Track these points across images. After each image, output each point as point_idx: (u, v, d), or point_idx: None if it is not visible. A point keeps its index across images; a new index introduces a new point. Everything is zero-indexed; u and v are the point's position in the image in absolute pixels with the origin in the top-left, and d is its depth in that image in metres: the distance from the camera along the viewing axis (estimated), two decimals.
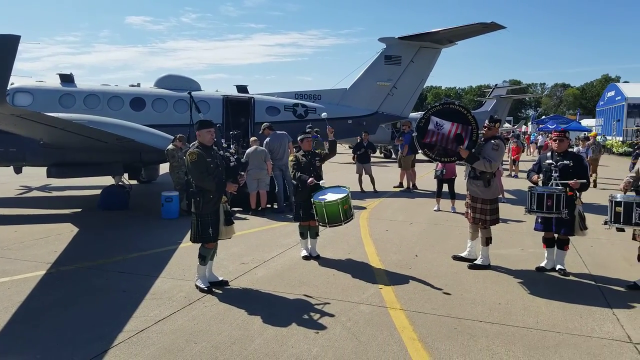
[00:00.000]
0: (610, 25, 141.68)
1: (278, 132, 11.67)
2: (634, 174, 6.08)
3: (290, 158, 7.41)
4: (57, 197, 13.08)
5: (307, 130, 8.97)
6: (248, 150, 10.99)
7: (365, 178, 14.49)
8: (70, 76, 14.47)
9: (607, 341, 4.55)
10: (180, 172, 10.43)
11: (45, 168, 11.07)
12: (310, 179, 7.01)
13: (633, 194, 5.90)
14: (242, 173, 6.29)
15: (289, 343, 4.44)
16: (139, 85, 16.72)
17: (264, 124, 12.03)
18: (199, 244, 5.87)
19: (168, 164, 10.86)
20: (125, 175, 12.65)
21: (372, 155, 15.36)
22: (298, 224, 7.34)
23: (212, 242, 5.86)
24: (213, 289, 5.79)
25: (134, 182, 14.78)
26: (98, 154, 10.89)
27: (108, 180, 12.19)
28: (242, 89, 16.20)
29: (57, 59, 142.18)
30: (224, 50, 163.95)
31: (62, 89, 14.04)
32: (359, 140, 15.45)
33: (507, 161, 19.63)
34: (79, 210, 11.11)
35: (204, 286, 5.78)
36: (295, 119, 15.41)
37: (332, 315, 5.07)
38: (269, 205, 11.27)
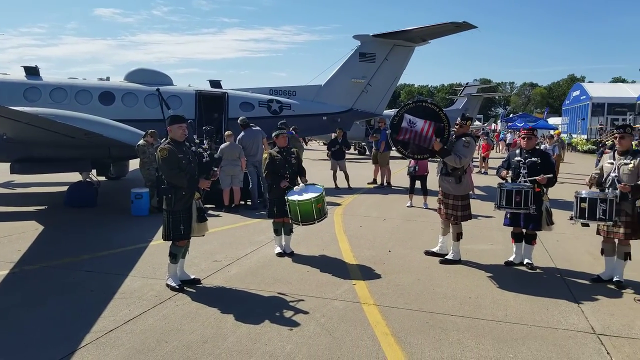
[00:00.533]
0: (577, 26, 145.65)
1: (253, 127, 11.59)
2: (599, 171, 6.27)
3: (265, 155, 7.35)
4: (21, 194, 12.71)
5: (281, 126, 8.92)
6: (222, 146, 10.89)
7: (340, 174, 14.54)
8: (35, 69, 14.04)
9: (572, 332, 4.69)
10: (151, 169, 10.26)
11: (9, 164, 10.72)
12: (284, 182, 6.99)
13: (597, 190, 6.08)
14: (215, 169, 6.23)
15: (263, 340, 4.42)
16: (108, 79, 16.36)
17: (241, 118, 11.90)
18: (170, 242, 5.78)
19: (138, 160, 10.66)
20: (94, 171, 12.36)
21: (346, 151, 15.42)
22: (272, 220, 7.32)
23: (183, 240, 5.79)
24: (185, 288, 5.71)
25: (103, 178, 14.50)
26: (65, 150, 10.57)
27: (75, 177, 11.89)
28: (215, 84, 16.03)
29: (22, 51, 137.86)
30: (196, 44, 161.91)
31: (27, 82, 13.59)
32: (333, 137, 15.48)
33: (478, 158, 19.99)
34: (45, 207, 10.82)
35: (175, 285, 5.70)
36: (269, 115, 15.34)
37: (306, 312, 5.08)
38: (242, 202, 11.20)
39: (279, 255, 7.14)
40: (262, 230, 8.65)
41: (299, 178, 7.23)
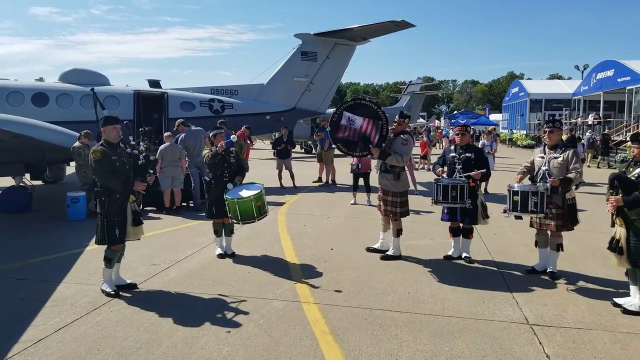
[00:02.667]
0: (515, 25, 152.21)
1: (193, 128, 11.32)
2: (529, 164, 6.50)
3: (205, 152, 7.20)
4: None
5: (220, 126, 8.75)
6: (161, 147, 10.57)
7: (285, 173, 14.46)
8: None
9: (506, 324, 4.83)
10: (87, 171, 9.76)
11: None
12: (230, 185, 6.83)
13: (529, 183, 6.30)
14: (152, 172, 6.04)
15: (199, 344, 4.30)
16: (42, 79, 15.56)
17: (178, 120, 11.64)
18: (105, 246, 5.54)
19: (75, 162, 10.17)
20: (27, 175, 11.73)
21: (292, 150, 15.35)
22: (212, 221, 7.15)
23: (119, 244, 5.56)
24: (120, 293, 5.48)
25: (38, 182, 13.79)
26: None
27: (8, 182, 11.24)
28: (154, 83, 15.59)
29: None
30: (138, 43, 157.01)
31: None
32: (277, 136, 15.36)
33: (418, 155, 20.40)
34: None
35: (110, 290, 5.47)
36: (211, 115, 15.05)
37: (245, 313, 4.99)
38: (184, 204, 10.92)
39: (220, 256, 6.99)
40: (203, 232, 8.45)
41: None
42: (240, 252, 7.22)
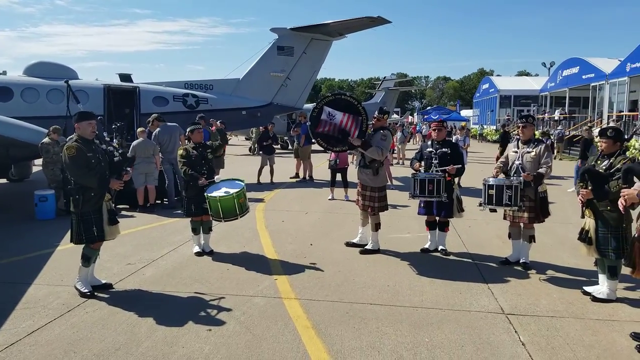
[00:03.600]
0: (485, 23, 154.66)
1: (169, 124, 11.15)
2: (504, 159, 6.65)
3: (180, 152, 7.09)
4: None
5: (197, 121, 8.64)
6: (134, 143, 10.37)
7: (264, 169, 14.37)
8: None
9: (483, 314, 4.94)
10: (55, 169, 9.55)
11: None
12: (202, 180, 6.77)
13: (503, 177, 6.45)
14: (128, 169, 5.91)
15: (180, 343, 4.26)
16: (4, 73, 15.07)
17: (153, 114, 11.43)
18: (81, 245, 5.42)
19: (42, 159, 9.90)
20: None
21: (274, 146, 15.28)
22: (190, 219, 7.08)
23: (98, 242, 5.44)
24: (95, 293, 5.37)
25: (3, 180, 13.40)
26: None
27: None
28: (125, 77, 15.27)
29: None
30: (106, 36, 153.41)
31: None
32: (254, 132, 15.25)
33: (396, 150, 20.61)
34: None
35: (86, 290, 5.35)
36: (185, 110, 14.86)
37: (226, 311, 4.96)
38: (158, 201, 10.75)
39: (198, 254, 6.92)
40: (179, 229, 8.35)
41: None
42: (219, 249, 7.17)
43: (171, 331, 4.49)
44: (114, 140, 10.72)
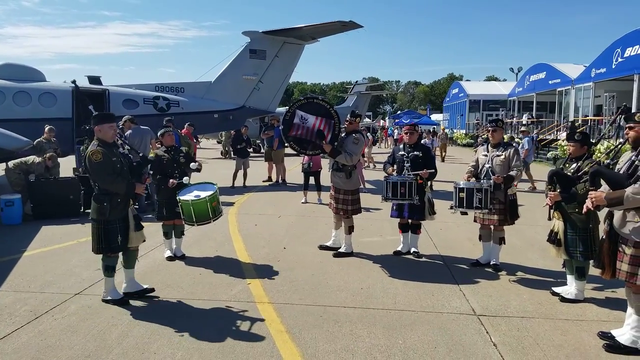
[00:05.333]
0: (454, 28, 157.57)
1: (142, 127, 10.96)
2: (474, 163, 6.77)
3: (151, 155, 6.97)
4: None
5: (167, 124, 8.52)
6: None
7: (238, 173, 14.24)
8: None
9: (455, 315, 5.00)
10: (21, 174, 9.32)
11: None
12: (172, 180, 6.66)
13: (474, 180, 6.57)
14: (152, 172, 5.66)
15: (151, 349, 4.18)
16: None
17: (125, 116, 11.19)
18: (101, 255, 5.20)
19: (4, 164, 9.64)
20: None
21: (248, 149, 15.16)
22: (161, 223, 6.96)
23: (118, 252, 5.22)
24: (130, 301, 5.23)
25: None
26: None
27: None
28: (94, 80, 14.96)
29: None
30: (74, 38, 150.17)
31: None
32: (223, 136, 15.13)
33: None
34: None
35: (117, 297, 5.21)
36: (156, 113, 14.63)
37: (198, 316, 4.90)
38: None
39: (170, 259, 6.81)
40: (150, 234, 8.13)
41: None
42: (191, 253, 7.08)
43: (142, 337, 4.41)
44: (126, 143, 10.52)
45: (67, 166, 11.58)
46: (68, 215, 9.48)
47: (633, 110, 5.94)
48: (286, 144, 7.40)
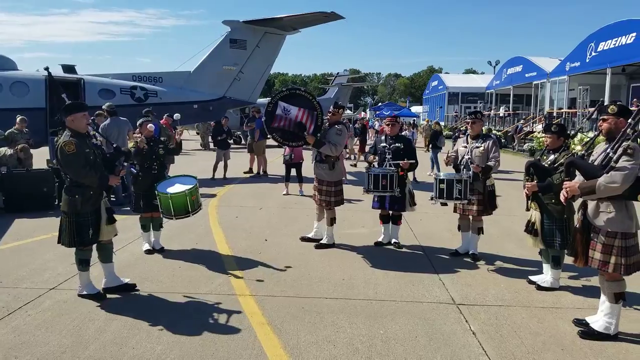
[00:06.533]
0: (434, 21, 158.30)
1: (120, 118, 10.75)
2: (454, 153, 6.82)
3: (131, 145, 6.83)
4: None
5: (146, 114, 8.37)
6: None
7: (219, 164, 14.10)
8: None
9: (435, 305, 5.05)
10: None
11: None
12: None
13: (453, 172, 6.62)
14: (125, 163, 5.52)
15: (130, 344, 4.11)
16: None
17: (107, 104, 10.92)
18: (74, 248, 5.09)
19: None
20: None
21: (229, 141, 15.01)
22: (139, 216, 6.85)
23: (90, 245, 5.10)
24: (107, 295, 5.13)
25: None
26: None
27: None
28: (69, 68, 14.63)
29: None
30: (46, 25, 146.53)
31: None
32: (215, 125, 14.93)
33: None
34: None
35: (94, 292, 5.10)
36: (133, 103, 14.39)
37: (178, 310, 4.85)
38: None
39: (148, 252, 6.71)
40: (127, 227, 8.05)
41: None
42: (170, 246, 6.98)
43: (120, 332, 4.34)
44: (97, 133, 10.29)
45: (40, 158, 11.31)
46: (42, 208, 9.26)
47: (606, 104, 6.04)
48: (268, 136, 7.35)
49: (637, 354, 4.06)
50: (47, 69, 12.11)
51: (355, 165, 17.60)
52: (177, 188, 6.36)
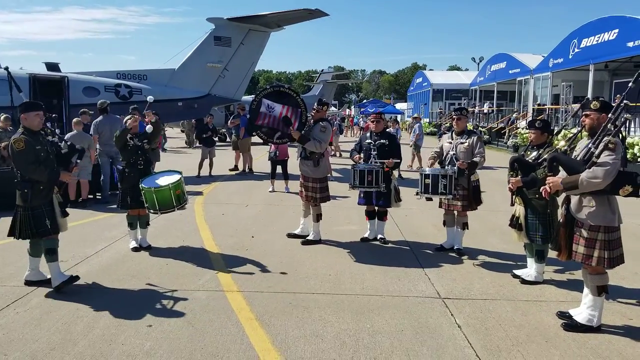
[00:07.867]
0: (418, 18, 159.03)
1: (115, 115, 10.68)
2: (438, 150, 6.91)
3: (117, 134, 6.82)
4: None
5: (132, 111, 8.34)
6: (68, 135, 9.83)
7: (204, 162, 14.06)
8: None
9: (421, 299, 5.13)
10: None
11: None
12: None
13: (438, 167, 6.71)
14: (78, 160, 5.61)
15: (119, 340, 4.12)
16: None
17: (100, 101, 10.80)
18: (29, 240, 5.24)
19: None
20: None
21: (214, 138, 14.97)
22: (126, 214, 6.83)
23: (54, 234, 5.24)
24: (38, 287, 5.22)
25: None
26: None
27: None
28: (52, 66, 14.47)
29: None
30: (28, 23, 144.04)
31: None
32: (185, 125, 14.93)
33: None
34: None
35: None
36: (118, 101, 14.25)
37: (166, 306, 4.86)
38: (91, 196, 10.28)
39: (135, 250, 6.70)
40: (114, 224, 8.04)
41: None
42: (157, 244, 6.98)
43: (109, 328, 4.34)
44: (56, 131, 10.19)
45: None
46: None
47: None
48: (253, 133, 7.36)
49: (619, 345, 4.17)
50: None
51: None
52: (161, 182, 6.39)
